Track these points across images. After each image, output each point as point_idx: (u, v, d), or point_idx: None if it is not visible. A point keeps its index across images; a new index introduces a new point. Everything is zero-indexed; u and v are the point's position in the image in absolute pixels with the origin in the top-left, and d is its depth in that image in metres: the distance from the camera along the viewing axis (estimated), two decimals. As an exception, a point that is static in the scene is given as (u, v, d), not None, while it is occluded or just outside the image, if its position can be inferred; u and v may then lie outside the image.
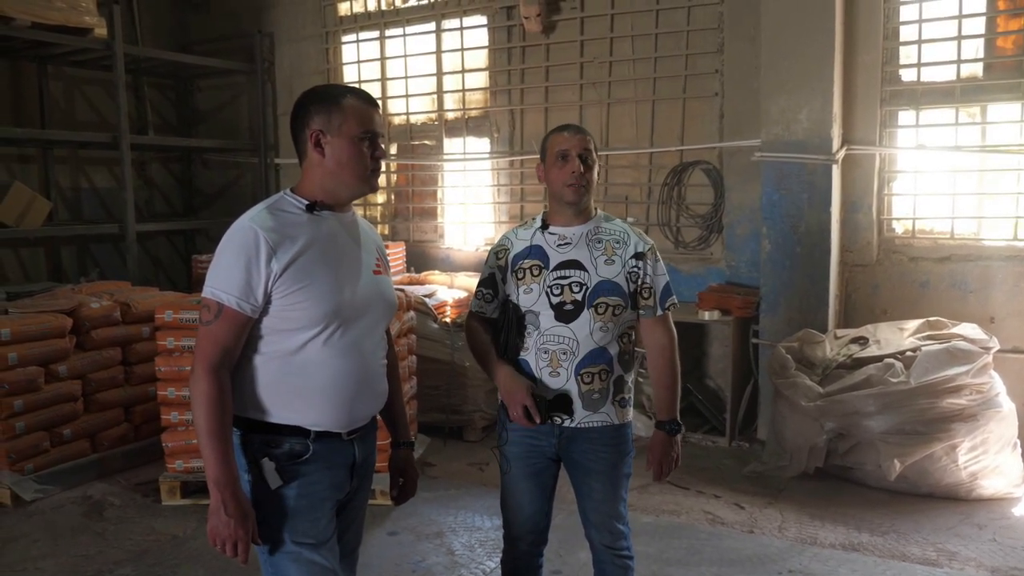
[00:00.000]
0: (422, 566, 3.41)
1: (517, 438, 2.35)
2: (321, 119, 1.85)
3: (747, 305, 4.92)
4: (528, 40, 5.87)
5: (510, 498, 2.39)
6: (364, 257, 1.95)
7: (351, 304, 1.86)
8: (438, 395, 4.94)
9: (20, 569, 3.44)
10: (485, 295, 2.40)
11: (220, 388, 1.77)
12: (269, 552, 1.86)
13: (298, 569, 1.83)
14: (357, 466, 1.96)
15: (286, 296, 1.78)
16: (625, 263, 2.29)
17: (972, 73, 4.70)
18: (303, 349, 1.82)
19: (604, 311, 2.25)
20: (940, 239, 4.80)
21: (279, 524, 1.84)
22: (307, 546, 1.84)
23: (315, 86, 2.00)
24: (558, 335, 2.26)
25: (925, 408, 3.92)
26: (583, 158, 2.27)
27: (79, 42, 5.88)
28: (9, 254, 6.42)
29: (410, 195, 6.72)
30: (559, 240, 2.31)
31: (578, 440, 2.31)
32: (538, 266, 2.29)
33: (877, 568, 3.32)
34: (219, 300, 1.77)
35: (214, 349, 1.78)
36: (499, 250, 2.39)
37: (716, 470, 4.48)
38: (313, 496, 1.85)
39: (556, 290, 2.26)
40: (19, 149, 6.44)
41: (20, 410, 4.17)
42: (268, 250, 1.76)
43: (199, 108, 7.73)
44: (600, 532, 2.37)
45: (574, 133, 2.31)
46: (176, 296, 4.93)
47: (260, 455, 1.83)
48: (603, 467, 2.32)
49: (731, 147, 5.20)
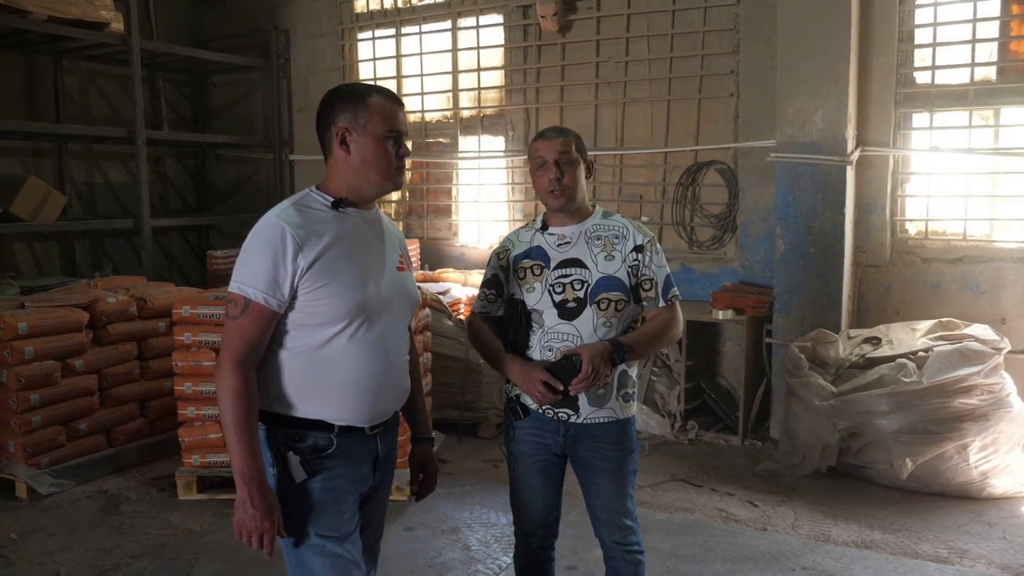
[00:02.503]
0: (438, 561, 3.43)
1: (523, 435, 2.37)
2: (347, 117, 1.87)
3: (760, 305, 4.94)
4: (544, 39, 5.89)
5: (519, 494, 2.42)
6: (388, 253, 1.97)
7: (375, 300, 1.88)
8: (452, 392, 4.97)
9: (38, 563, 3.46)
10: (488, 295, 2.42)
11: (246, 382, 1.79)
12: (294, 545, 1.88)
13: (322, 562, 1.85)
14: (379, 460, 1.98)
15: (312, 292, 1.80)
16: (625, 257, 2.30)
17: (986, 76, 4.72)
18: (328, 344, 1.84)
19: (607, 307, 2.27)
20: (952, 240, 4.82)
21: (303, 517, 1.86)
22: (331, 539, 1.86)
23: (341, 84, 2.02)
24: (562, 333, 2.28)
25: (937, 408, 3.95)
26: (559, 163, 2.27)
27: (95, 37, 5.90)
28: (23, 248, 6.45)
29: (425, 192, 6.74)
30: (559, 240, 2.34)
31: (584, 437, 2.32)
32: (539, 266, 2.32)
33: (889, 565, 3.35)
34: (246, 295, 1.78)
35: (240, 343, 1.79)
36: (501, 251, 2.42)
37: (729, 468, 4.51)
38: (337, 490, 1.87)
39: (558, 288, 2.28)
40: (34, 143, 6.46)
41: (36, 404, 4.19)
42: (295, 246, 1.78)
43: (214, 104, 7.76)
44: (610, 529, 2.39)
45: (550, 139, 2.30)
46: (193, 292, 4.94)
47: (285, 449, 1.85)
48: (610, 465, 2.34)
49: (746, 147, 5.23)
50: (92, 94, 6.94)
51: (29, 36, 5.84)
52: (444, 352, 4.91)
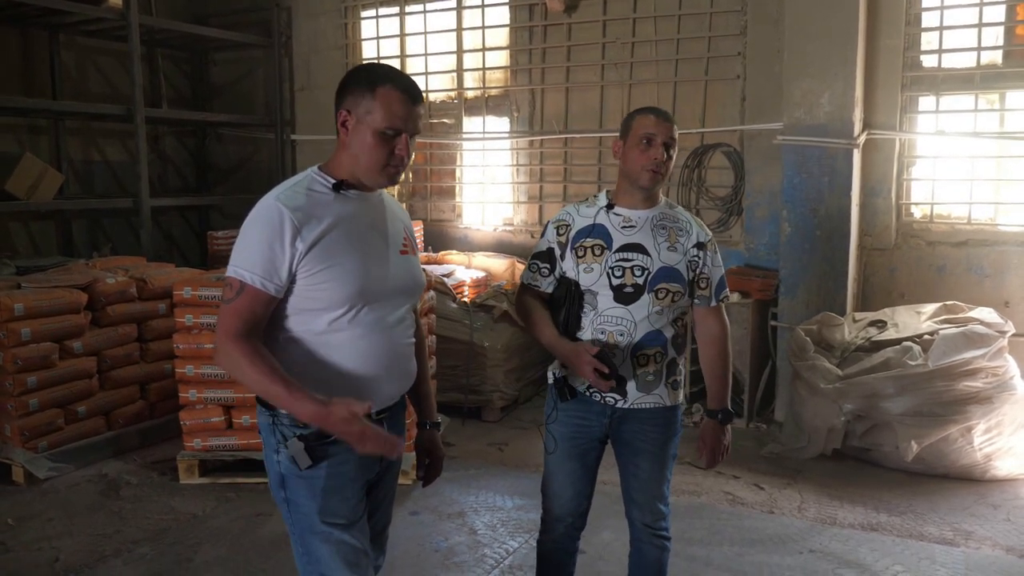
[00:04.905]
0: (444, 546, 3.41)
1: (566, 418, 2.34)
2: (352, 101, 1.81)
3: (766, 287, 4.94)
4: (550, 19, 5.84)
5: (552, 479, 2.38)
6: (391, 237, 1.93)
7: (378, 284, 1.84)
8: (456, 375, 4.95)
9: (36, 548, 3.38)
10: (541, 269, 2.35)
11: (252, 346, 1.73)
12: (300, 533, 1.85)
13: (329, 549, 1.83)
14: None
15: (311, 276, 1.76)
16: (687, 252, 2.29)
17: (992, 60, 4.73)
18: (330, 329, 1.80)
19: (664, 296, 2.25)
20: (957, 224, 4.82)
21: (310, 504, 1.83)
22: (338, 526, 1.83)
23: (368, 63, 1.98)
24: (616, 316, 2.25)
25: (942, 390, 3.96)
26: (667, 146, 2.24)
27: (93, 11, 5.81)
28: (19, 228, 6.37)
29: (428, 174, 6.69)
30: (624, 222, 2.29)
31: (629, 420, 2.31)
32: (600, 246, 2.27)
33: (896, 547, 3.36)
34: (242, 279, 1.73)
35: (236, 321, 1.73)
36: (559, 225, 2.34)
37: (735, 451, 4.31)
38: (343, 476, 1.84)
39: (618, 272, 2.24)
40: (30, 120, 6.37)
41: (34, 387, 4.11)
42: (293, 229, 1.73)
43: (214, 82, 7.67)
44: (642, 511, 2.38)
45: (663, 120, 2.26)
46: (194, 273, 4.90)
47: (290, 435, 1.81)
48: (652, 447, 2.32)
49: (752, 130, 5.21)
50: (90, 70, 6.84)
51: (25, 9, 5.73)
52: (448, 335, 4.88)
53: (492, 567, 3.24)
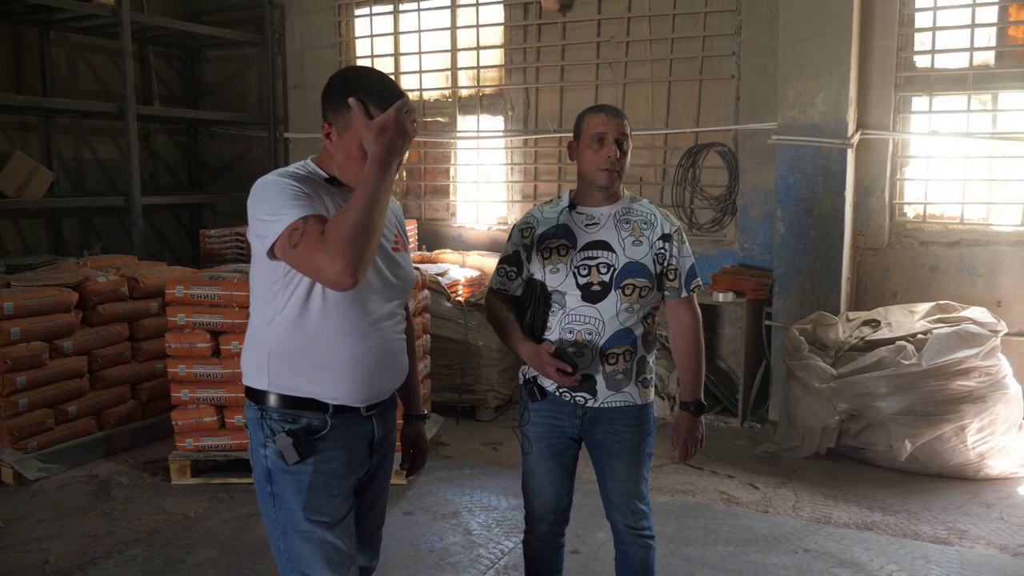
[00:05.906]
0: (439, 546, 3.39)
1: (538, 418, 2.34)
2: (332, 114, 1.79)
3: (760, 287, 4.94)
4: (544, 18, 5.82)
5: (531, 478, 2.38)
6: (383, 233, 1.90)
7: (369, 280, 1.82)
8: (451, 374, 4.94)
9: (25, 550, 3.34)
10: (508, 272, 2.36)
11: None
12: (282, 529, 1.83)
13: (310, 549, 1.81)
14: (376, 444, 1.94)
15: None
16: (652, 244, 2.27)
17: (984, 61, 4.75)
18: (321, 321, 1.79)
19: (631, 292, 2.24)
20: (950, 224, 4.85)
21: (295, 500, 1.81)
22: (321, 524, 1.81)
23: (343, 71, 1.85)
24: (584, 315, 2.24)
25: (936, 390, 3.98)
26: (619, 143, 2.23)
27: (84, 8, 5.77)
28: (8, 226, 6.32)
29: (422, 172, 6.67)
30: (587, 220, 2.29)
31: (601, 421, 2.30)
32: (565, 246, 2.27)
33: (891, 547, 3.37)
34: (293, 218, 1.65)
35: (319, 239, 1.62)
36: (524, 227, 2.35)
37: (729, 450, 4.52)
38: (329, 473, 1.83)
39: (583, 271, 2.24)
40: (20, 117, 6.32)
41: (23, 387, 4.07)
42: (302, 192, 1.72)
43: (206, 79, 7.62)
44: (622, 513, 2.37)
45: (612, 116, 2.24)
46: (186, 271, 4.85)
47: (278, 430, 1.80)
48: (626, 448, 2.31)
49: (746, 130, 5.21)
50: (81, 68, 6.79)
51: (15, 6, 5.70)
52: (442, 334, 4.87)
53: (487, 567, 3.23)
